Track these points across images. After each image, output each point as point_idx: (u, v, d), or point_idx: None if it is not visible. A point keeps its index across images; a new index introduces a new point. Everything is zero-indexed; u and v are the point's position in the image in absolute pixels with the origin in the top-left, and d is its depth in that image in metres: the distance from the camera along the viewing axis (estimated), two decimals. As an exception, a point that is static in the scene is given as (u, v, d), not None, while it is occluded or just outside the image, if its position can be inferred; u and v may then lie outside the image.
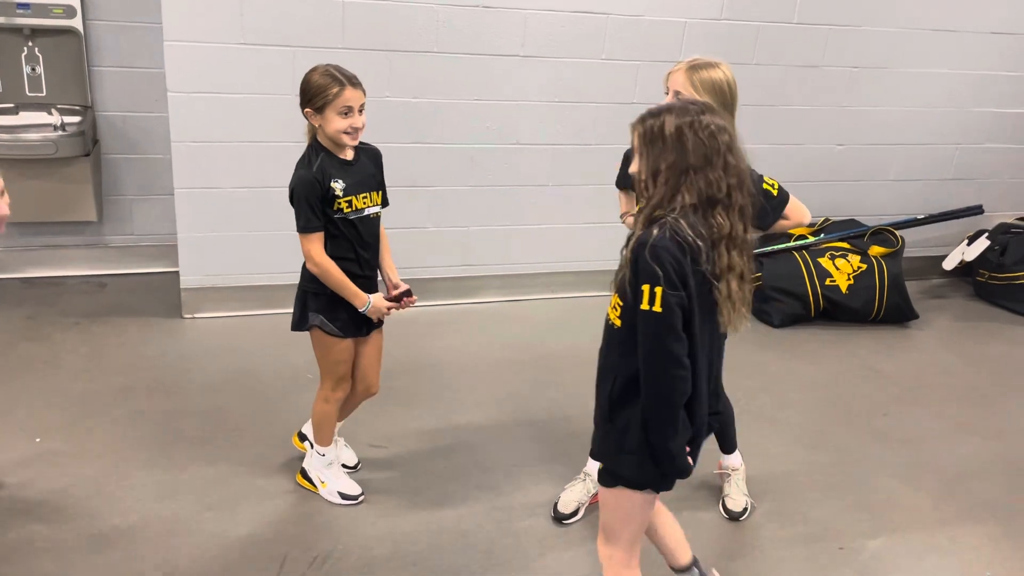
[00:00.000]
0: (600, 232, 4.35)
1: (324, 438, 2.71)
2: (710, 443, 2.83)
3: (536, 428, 3.24)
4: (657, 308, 1.68)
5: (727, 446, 2.84)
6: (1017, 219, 5.05)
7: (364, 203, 2.48)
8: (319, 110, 2.37)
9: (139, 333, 3.78)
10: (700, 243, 1.71)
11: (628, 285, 1.75)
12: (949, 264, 4.92)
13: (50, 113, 3.91)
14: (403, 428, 3.19)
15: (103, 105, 4.15)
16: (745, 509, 2.79)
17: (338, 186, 2.41)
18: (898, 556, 2.66)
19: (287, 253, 4.06)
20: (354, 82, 2.38)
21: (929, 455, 3.25)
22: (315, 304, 2.53)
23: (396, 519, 2.67)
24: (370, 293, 2.53)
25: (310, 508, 2.69)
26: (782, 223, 2.50)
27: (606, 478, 1.95)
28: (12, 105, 3.94)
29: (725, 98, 2.37)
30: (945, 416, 3.56)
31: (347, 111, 2.36)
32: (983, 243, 4.87)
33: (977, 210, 4.95)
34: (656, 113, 1.77)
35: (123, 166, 4.28)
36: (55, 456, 2.86)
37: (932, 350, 4.27)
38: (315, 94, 2.36)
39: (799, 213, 2.50)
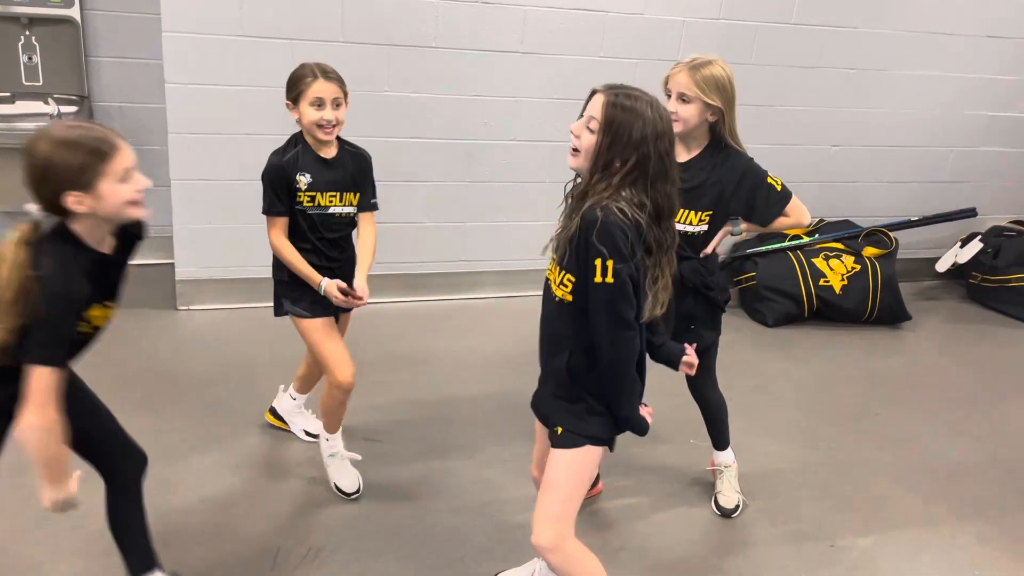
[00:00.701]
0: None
1: (332, 425, 2.73)
2: (704, 439, 2.85)
3: (531, 425, 3.24)
4: (609, 279, 1.76)
5: (720, 443, 2.85)
6: (1010, 222, 5.08)
7: (330, 201, 2.52)
8: (295, 101, 2.43)
9: (133, 325, 3.77)
10: (640, 219, 1.79)
11: (576, 262, 1.82)
12: (942, 266, 4.94)
13: (46, 102, 3.90)
14: (398, 422, 3.19)
15: (100, 95, 4.14)
16: (737, 506, 2.80)
17: (303, 180, 2.46)
18: (888, 555, 2.68)
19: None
20: (329, 76, 2.41)
21: (920, 455, 3.27)
22: (281, 289, 2.61)
23: (390, 512, 2.67)
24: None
25: (304, 501, 2.69)
26: (782, 220, 2.51)
27: (572, 439, 1.97)
28: (8, 94, 3.92)
29: (728, 94, 2.38)
30: (936, 417, 3.59)
31: (318, 103, 2.40)
32: (976, 246, 4.89)
33: (970, 213, 4.97)
34: (633, 96, 1.79)
35: (119, 157, 4.27)
36: (49, 446, 2.85)
37: (924, 351, 4.29)
38: (291, 86, 2.44)
39: (799, 213, 2.51)
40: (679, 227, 2.40)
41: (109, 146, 1.67)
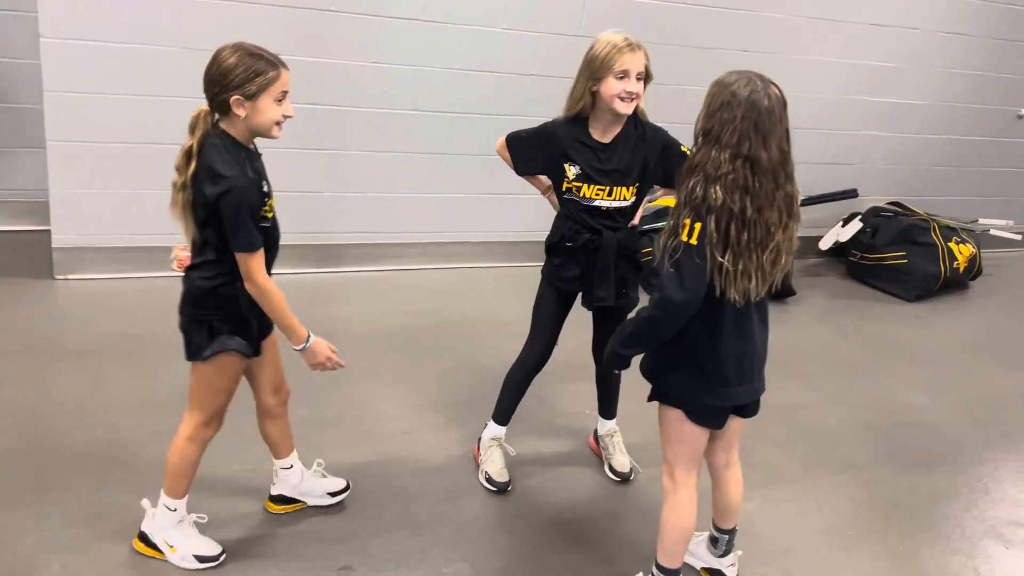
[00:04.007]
0: (496, 204, 4.35)
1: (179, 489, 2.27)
2: (594, 408, 2.91)
3: (428, 396, 3.24)
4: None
5: (613, 411, 2.93)
6: (887, 203, 5.37)
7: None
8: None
9: (6, 294, 3.55)
10: None
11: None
12: (825, 244, 5.18)
13: (-96, 53, 3.60)
14: (293, 397, 3.12)
15: (-35, 47, 3.85)
16: (632, 469, 2.89)
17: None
18: (769, 517, 2.81)
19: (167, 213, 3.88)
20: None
21: (802, 423, 3.44)
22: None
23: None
24: None
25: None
26: None
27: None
28: None
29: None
30: (818, 387, 3.77)
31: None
32: (856, 225, 5.15)
33: (852, 194, 5.22)
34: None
35: (-12, 115, 3.99)
36: (-91, 423, 2.66)
37: (808, 325, 4.50)
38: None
39: None
40: (614, 204, 2.51)
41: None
